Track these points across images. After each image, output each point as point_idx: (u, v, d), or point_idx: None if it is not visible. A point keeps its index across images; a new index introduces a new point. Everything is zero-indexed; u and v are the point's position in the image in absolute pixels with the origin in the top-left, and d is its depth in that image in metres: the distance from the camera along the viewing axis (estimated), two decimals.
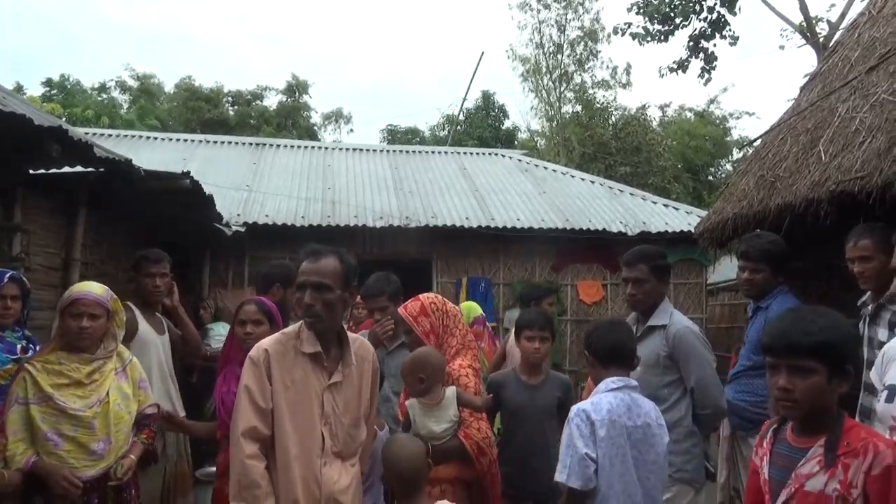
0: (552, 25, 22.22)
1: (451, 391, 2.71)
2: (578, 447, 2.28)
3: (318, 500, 2.15)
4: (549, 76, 22.42)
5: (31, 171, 3.96)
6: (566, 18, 22.11)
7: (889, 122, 3.63)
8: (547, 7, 22.25)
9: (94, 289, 2.83)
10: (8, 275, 2.94)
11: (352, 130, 29.04)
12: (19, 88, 19.31)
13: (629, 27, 13.26)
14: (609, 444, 2.30)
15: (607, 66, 22.61)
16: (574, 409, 2.39)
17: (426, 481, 2.45)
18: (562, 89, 22.20)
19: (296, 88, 25.92)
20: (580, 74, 22.46)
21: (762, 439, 1.89)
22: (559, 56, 22.25)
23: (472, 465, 2.68)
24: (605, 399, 2.38)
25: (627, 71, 22.67)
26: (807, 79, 5.46)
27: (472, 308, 4.89)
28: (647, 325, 3.10)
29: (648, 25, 12.97)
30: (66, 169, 4.03)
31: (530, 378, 3.22)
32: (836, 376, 1.68)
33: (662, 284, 3.17)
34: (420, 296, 2.97)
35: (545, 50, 22.35)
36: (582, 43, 22.22)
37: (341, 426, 2.25)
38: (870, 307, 2.79)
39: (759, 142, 5.52)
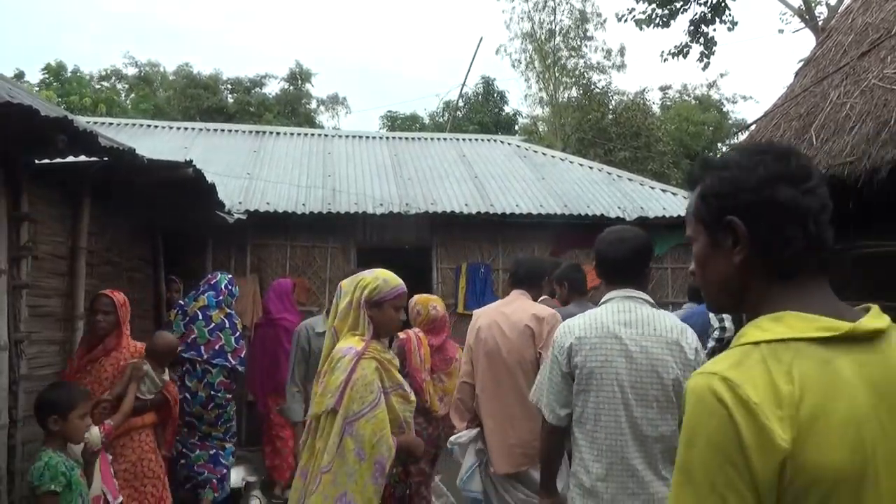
0: (542, 10, 22.11)
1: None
2: None
3: None
4: (542, 63, 22.33)
5: (36, 162, 4.03)
6: (556, 2, 22.01)
7: (878, 107, 3.70)
8: None
9: None
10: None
11: (349, 112, 28.87)
12: (20, 75, 19.25)
13: (632, 13, 13.25)
14: None
15: (601, 49, 22.51)
16: None
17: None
18: (557, 75, 22.10)
19: (298, 76, 25.75)
20: (575, 59, 22.38)
21: None
22: (553, 41, 22.14)
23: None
24: None
25: (622, 52, 22.60)
26: (801, 64, 5.50)
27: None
28: None
29: (650, 10, 12.96)
30: (71, 159, 4.10)
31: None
32: None
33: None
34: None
35: (536, 36, 22.22)
36: (574, 27, 22.10)
37: None
38: None
39: (753, 127, 5.58)
